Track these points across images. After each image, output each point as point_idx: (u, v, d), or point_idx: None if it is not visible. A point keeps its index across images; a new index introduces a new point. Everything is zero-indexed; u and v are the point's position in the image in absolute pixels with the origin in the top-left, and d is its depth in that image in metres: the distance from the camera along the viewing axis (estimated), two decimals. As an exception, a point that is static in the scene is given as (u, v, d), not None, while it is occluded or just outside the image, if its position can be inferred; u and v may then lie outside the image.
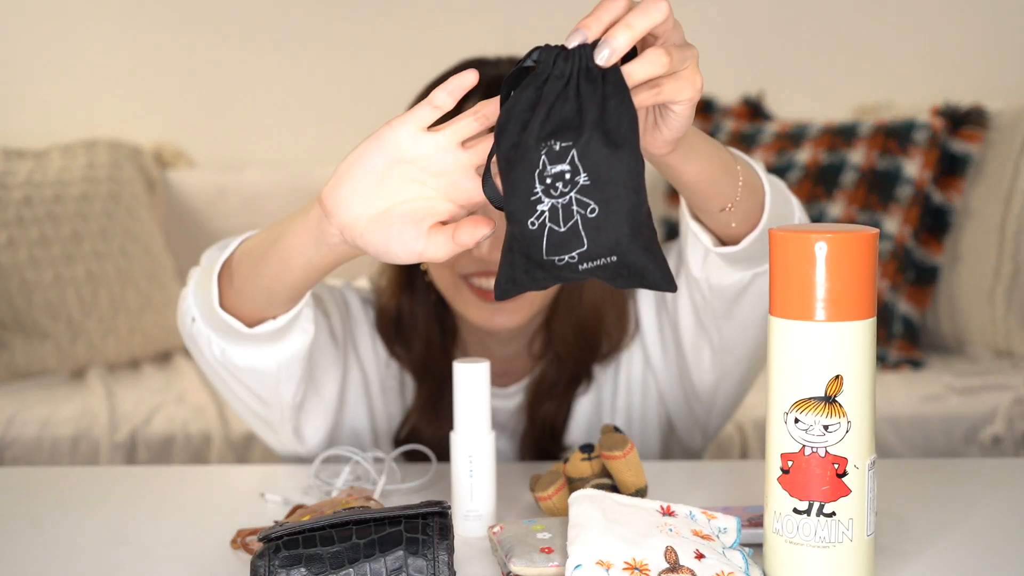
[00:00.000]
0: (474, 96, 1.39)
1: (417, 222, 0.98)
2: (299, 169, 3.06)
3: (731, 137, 2.91)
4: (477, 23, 3.08)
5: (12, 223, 2.64)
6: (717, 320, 1.38)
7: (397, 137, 0.97)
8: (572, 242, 0.90)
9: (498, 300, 0.95)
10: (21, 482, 1.47)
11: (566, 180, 0.89)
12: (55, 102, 3.13)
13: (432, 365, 1.50)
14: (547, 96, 0.90)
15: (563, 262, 0.91)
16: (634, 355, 1.53)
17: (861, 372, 0.96)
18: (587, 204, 0.89)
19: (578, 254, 0.90)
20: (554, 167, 0.89)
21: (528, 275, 0.93)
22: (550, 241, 0.90)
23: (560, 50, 0.90)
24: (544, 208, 0.90)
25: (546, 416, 1.51)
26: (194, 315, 1.25)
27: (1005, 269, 2.58)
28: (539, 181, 0.89)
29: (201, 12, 3.15)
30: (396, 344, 1.51)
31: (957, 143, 2.67)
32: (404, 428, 1.51)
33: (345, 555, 0.94)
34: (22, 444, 2.31)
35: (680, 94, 0.93)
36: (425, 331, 1.50)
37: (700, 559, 0.96)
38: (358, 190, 0.98)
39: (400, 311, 1.50)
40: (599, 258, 0.90)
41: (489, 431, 1.17)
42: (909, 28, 3.10)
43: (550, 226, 0.90)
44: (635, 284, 0.93)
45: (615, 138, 0.89)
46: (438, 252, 0.98)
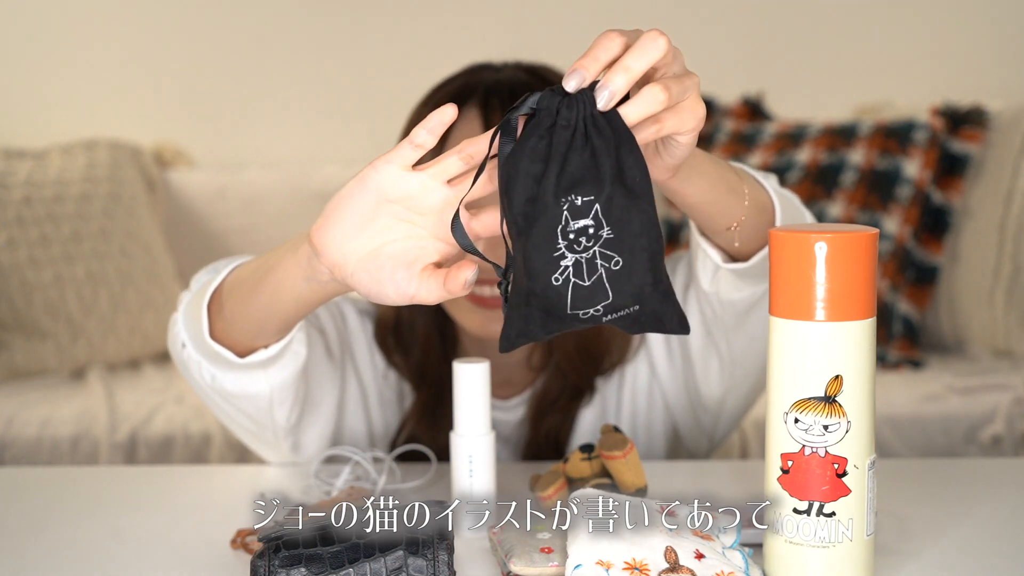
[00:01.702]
0: (476, 100, 1.38)
1: (409, 264, 0.97)
2: (299, 169, 3.06)
3: (731, 137, 2.91)
4: (479, 24, 3.08)
5: (12, 223, 2.64)
6: (727, 333, 1.37)
7: (381, 177, 0.96)
8: (597, 296, 0.89)
9: (503, 352, 0.94)
10: (21, 482, 1.47)
11: (589, 235, 0.88)
12: (55, 102, 3.13)
13: (430, 372, 1.49)
14: (558, 147, 0.88)
15: (587, 315, 0.90)
16: (640, 366, 1.52)
17: (861, 372, 0.96)
18: (611, 257, 0.88)
19: (603, 307, 0.90)
20: (577, 222, 0.88)
21: (543, 329, 0.92)
22: (575, 296, 0.89)
23: (563, 96, 0.89)
24: (568, 264, 0.89)
25: (550, 429, 1.50)
26: (184, 341, 1.24)
27: (1005, 269, 2.58)
28: (562, 237, 0.88)
29: (201, 12, 3.15)
30: (394, 352, 1.51)
31: (957, 143, 2.67)
32: (401, 435, 1.50)
33: (345, 555, 0.94)
34: (22, 444, 2.31)
35: (682, 126, 0.92)
36: (423, 338, 1.49)
37: (700, 559, 0.96)
38: (346, 230, 0.97)
39: (399, 319, 1.50)
40: (623, 308, 0.90)
41: (489, 431, 1.17)
42: (909, 28, 3.10)
43: (574, 281, 0.89)
44: (652, 329, 0.93)
45: (634, 189, 0.88)
46: (430, 296, 0.97)
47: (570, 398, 1.50)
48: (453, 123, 1.29)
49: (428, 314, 1.49)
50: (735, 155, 2.87)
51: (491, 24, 3.06)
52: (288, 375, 1.26)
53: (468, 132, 1.38)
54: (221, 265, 1.23)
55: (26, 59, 3.14)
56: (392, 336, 1.51)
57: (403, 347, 1.50)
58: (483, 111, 1.39)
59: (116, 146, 2.93)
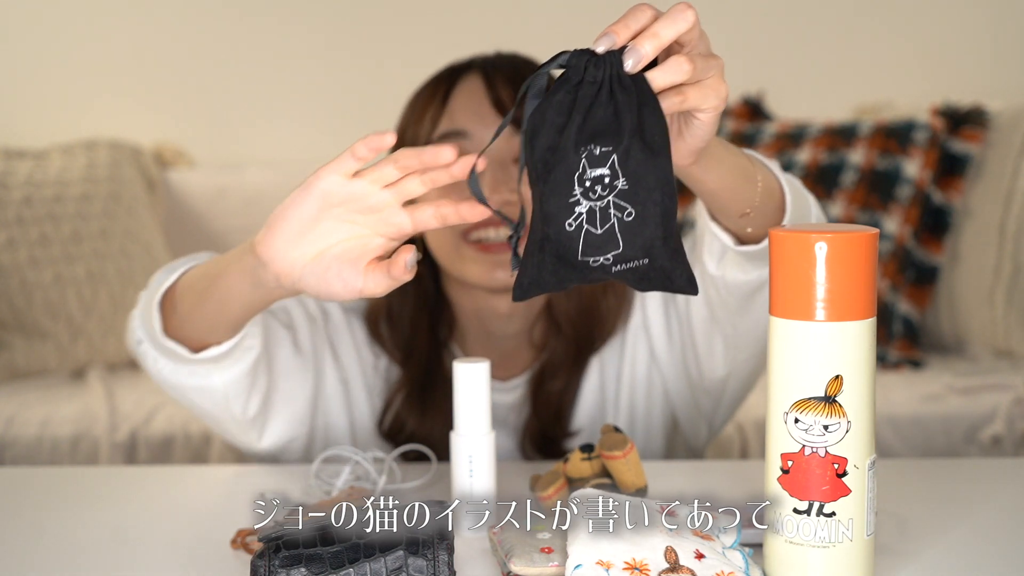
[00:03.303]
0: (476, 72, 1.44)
1: (353, 261, 1.04)
2: (299, 169, 3.04)
3: (731, 137, 2.91)
4: (477, 24, 3.08)
5: (12, 223, 2.64)
6: (731, 315, 1.38)
7: (324, 184, 1.04)
8: (608, 244, 0.92)
9: (516, 301, 0.98)
10: (21, 482, 1.47)
11: (605, 184, 0.91)
12: (55, 102, 3.13)
13: (416, 352, 1.50)
14: (582, 101, 0.92)
15: (597, 263, 0.93)
16: (639, 349, 1.52)
17: (861, 372, 0.96)
18: (624, 208, 0.92)
19: (613, 256, 0.93)
20: (594, 171, 0.91)
21: (555, 276, 0.95)
22: (586, 243, 0.92)
23: (591, 55, 0.92)
24: (582, 210, 0.92)
25: (551, 395, 1.50)
26: (140, 338, 1.30)
27: (1005, 269, 2.58)
28: (578, 184, 0.92)
29: (201, 12, 3.15)
30: (386, 338, 1.52)
31: (957, 143, 2.67)
32: (387, 414, 1.51)
33: (345, 555, 0.94)
34: (22, 444, 2.31)
35: (704, 102, 0.95)
36: (412, 318, 1.51)
37: (700, 559, 0.96)
38: (291, 237, 1.05)
39: (390, 304, 1.51)
40: (632, 260, 0.93)
41: (489, 431, 1.17)
42: (909, 28, 3.10)
43: (587, 228, 0.92)
44: (660, 287, 0.95)
45: (652, 145, 0.92)
46: (377, 287, 1.04)
47: (573, 362, 1.51)
48: (458, 93, 1.38)
49: (418, 296, 1.51)
50: (735, 155, 2.87)
51: (491, 25, 3.06)
52: (240, 370, 1.31)
53: (472, 102, 1.43)
54: (179, 264, 1.29)
55: (26, 59, 3.14)
56: (384, 321, 1.52)
57: (391, 328, 1.52)
58: (485, 81, 1.44)
59: (116, 146, 2.93)
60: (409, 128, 1.48)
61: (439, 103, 1.45)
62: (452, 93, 1.45)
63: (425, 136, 1.45)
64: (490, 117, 1.42)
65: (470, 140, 1.42)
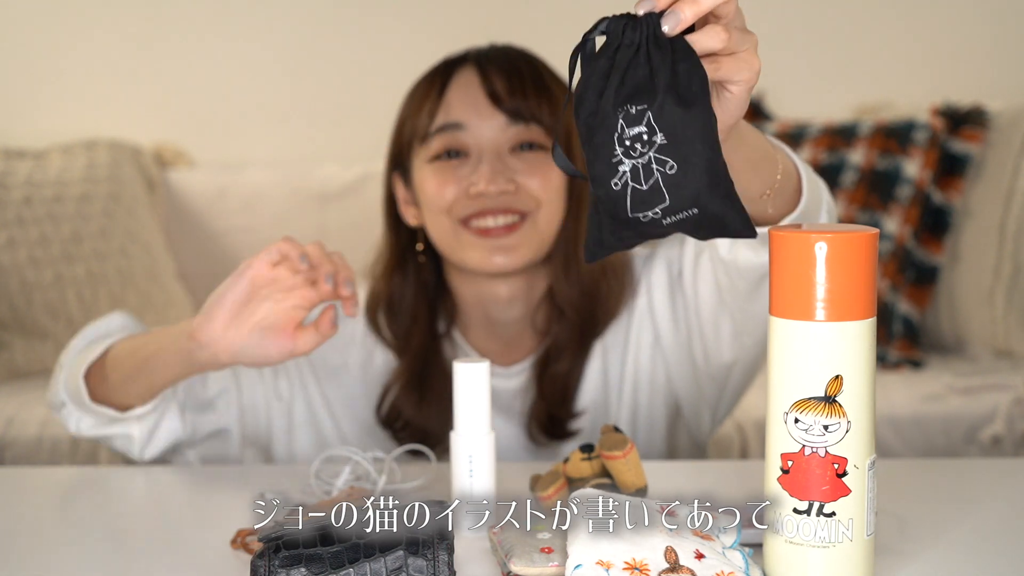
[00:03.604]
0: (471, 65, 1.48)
1: (280, 330, 1.28)
2: (299, 169, 3.06)
3: (731, 137, 2.91)
4: (479, 25, 3.08)
5: (12, 223, 2.64)
6: (739, 300, 1.39)
7: (254, 272, 1.27)
8: (654, 199, 0.95)
9: (587, 262, 1.03)
10: (21, 482, 1.47)
11: (644, 141, 0.94)
12: (55, 102, 3.13)
13: (413, 341, 1.52)
14: (619, 63, 0.95)
15: (647, 218, 0.95)
16: (643, 334, 1.53)
17: (861, 372, 0.96)
18: (665, 162, 0.94)
19: (661, 209, 0.95)
20: (632, 130, 0.94)
21: (615, 235, 0.99)
22: (633, 199, 0.95)
23: (628, 19, 0.95)
24: (625, 169, 0.95)
25: (557, 378, 1.51)
26: (63, 400, 1.43)
27: (1005, 269, 2.58)
28: (619, 144, 0.95)
29: (202, 12, 3.15)
30: (384, 327, 1.55)
31: (957, 143, 2.67)
32: (384, 401, 1.53)
33: (345, 555, 0.94)
34: (22, 444, 2.31)
35: (738, 74, 0.97)
36: (411, 309, 1.53)
37: (700, 559, 0.96)
38: (228, 319, 1.27)
39: (391, 292, 1.54)
40: (682, 211, 0.95)
41: (489, 431, 1.17)
42: (909, 28, 3.10)
43: (632, 185, 0.95)
44: (718, 234, 0.97)
45: (687, 98, 0.94)
46: (307, 345, 1.28)
47: (577, 345, 1.52)
48: (454, 86, 1.45)
49: (418, 287, 1.54)
50: (735, 155, 2.87)
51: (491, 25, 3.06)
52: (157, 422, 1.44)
53: (468, 94, 1.46)
54: (96, 334, 1.47)
55: (26, 59, 3.14)
56: (384, 311, 1.55)
57: (391, 318, 1.55)
58: (480, 73, 1.47)
59: (116, 146, 2.93)
60: (408, 121, 1.51)
61: (435, 96, 1.48)
62: (448, 86, 1.48)
63: (423, 129, 1.48)
64: (485, 108, 1.46)
65: (466, 131, 1.46)
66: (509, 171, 1.44)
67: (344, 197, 3.01)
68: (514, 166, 1.45)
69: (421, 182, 1.49)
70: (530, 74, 1.49)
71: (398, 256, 1.54)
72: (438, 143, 1.47)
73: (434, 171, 1.47)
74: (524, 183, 1.45)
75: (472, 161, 1.46)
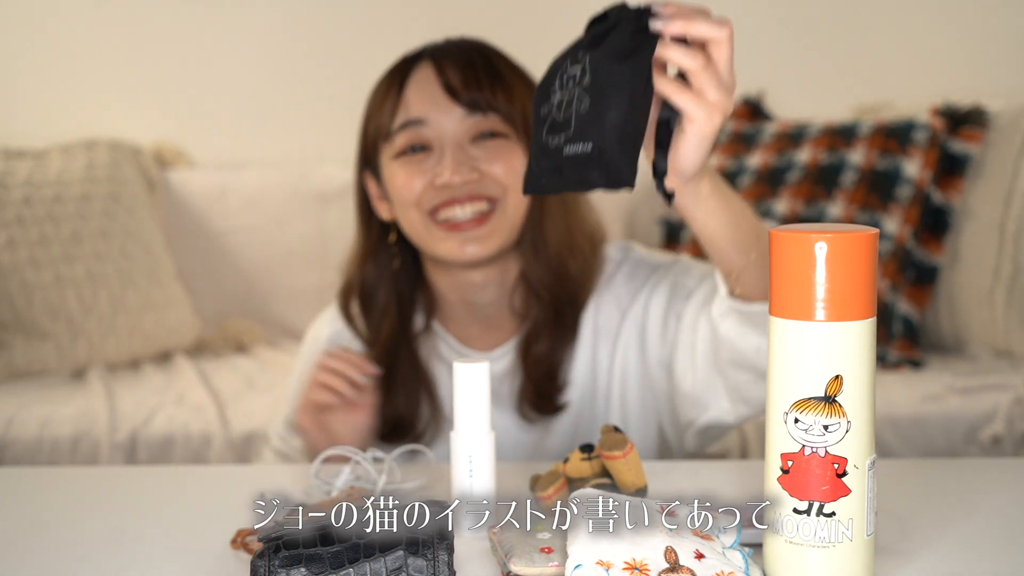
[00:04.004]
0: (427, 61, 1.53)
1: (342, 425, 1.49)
2: (299, 169, 3.06)
3: (731, 137, 2.91)
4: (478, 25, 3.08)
5: (12, 223, 2.64)
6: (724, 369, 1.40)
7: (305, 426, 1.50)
8: (563, 127, 1.08)
9: (524, 193, 1.14)
10: (21, 482, 1.47)
11: (575, 80, 1.07)
12: (55, 102, 3.13)
13: (383, 332, 1.57)
14: (593, 31, 1.09)
15: (554, 144, 1.08)
16: (633, 332, 1.55)
17: (861, 372, 0.96)
18: (583, 99, 1.06)
19: (564, 136, 1.07)
20: (572, 69, 1.08)
21: (536, 162, 1.11)
22: (551, 125, 1.09)
23: (626, 8, 1.08)
24: (554, 99, 1.09)
25: (540, 356, 1.55)
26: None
27: (1005, 269, 2.58)
28: (557, 79, 1.10)
29: (202, 12, 3.15)
30: (356, 317, 1.60)
31: (957, 143, 2.67)
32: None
33: (345, 555, 0.94)
34: (22, 444, 2.31)
35: (693, 111, 1.06)
36: (383, 301, 1.58)
37: (700, 559, 0.96)
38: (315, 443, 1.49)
39: (364, 283, 1.59)
40: (579, 143, 1.06)
41: (489, 431, 1.17)
42: (909, 28, 3.10)
43: (553, 116, 1.09)
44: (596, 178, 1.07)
45: (623, 54, 1.05)
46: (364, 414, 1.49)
47: (554, 324, 1.55)
48: (411, 83, 1.51)
49: (389, 277, 1.58)
50: (735, 155, 2.87)
51: (491, 26, 3.06)
52: None
53: (426, 91, 1.51)
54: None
55: (26, 59, 3.14)
56: (356, 300, 1.60)
57: (364, 307, 1.60)
58: (436, 68, 1.52)
59: (116, 146, 2.93)
60: (372, 120, 1.56)
61: (395, 95, 1.53)
62: (406, 84, 1.53)
63: (387, 127, 1.53)
64: (443, 102, 1.51)
65: (427, 126, 1.51)
66: (472, 160, 1.50)
67: (344, 197, 2.99)
68: (475, 155, 1.50)
69: (390, 178, 1.54)
70: (483, 65, 1.53)
71: (371, 248, 1.59)
72: (402, 139, 1.51)
73: (400, 166, 1.52)
74: (487, 170, 1.50)
75: (436, 154, 1.51)
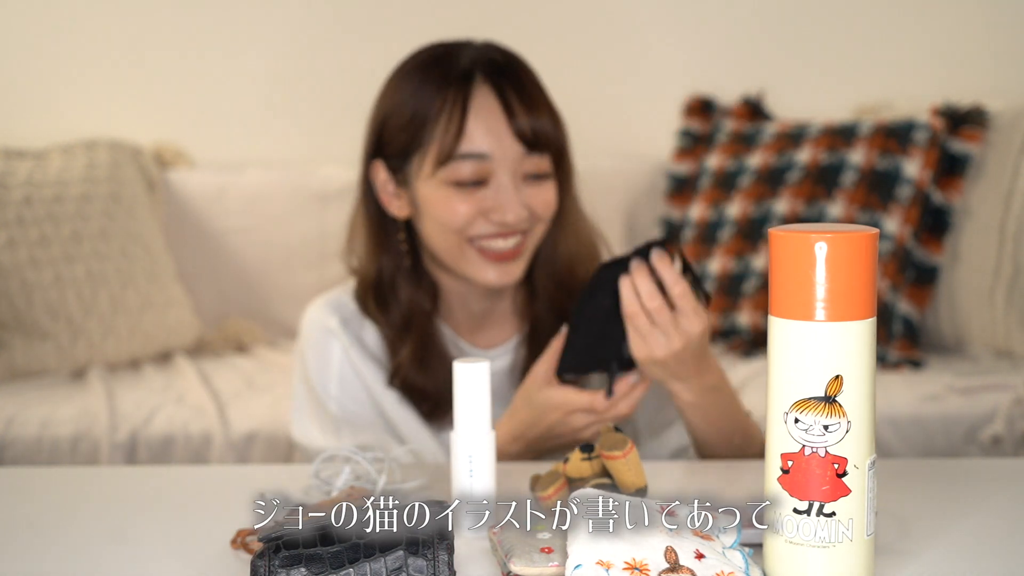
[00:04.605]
0: (482, 78, 1.51)
1: None
2: (299, 169, 3.06)
3: (731, 137, 2.91)
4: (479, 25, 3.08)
5: (12, 223, 2.64)
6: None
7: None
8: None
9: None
10: (21, 482, 1.47)
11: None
12: (55, 102, 3.13)
13: (414, 321, 1.57)
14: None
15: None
16: None
17: (861, 372, 0.96)
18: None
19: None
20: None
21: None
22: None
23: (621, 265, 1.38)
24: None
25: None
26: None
27: (1005, 269, 2.58)
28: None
29: (202, 12, 3.15)
30: (375, 309, 1.59)
31: (957, 143, 2.67)
32: (395, 380, 1.57)
33: (345, 555, 0.94)
34: (22, 444, 2.31)
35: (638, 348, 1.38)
36: (404, 292, 1.58)
37: (700, 559, 0.96)
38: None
39: (380, 275, 1.58)
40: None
41: (489, 431, 1.17)
42: (909, 28, 3.10)
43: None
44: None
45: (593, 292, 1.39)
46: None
47: (556, 322, 1.56)
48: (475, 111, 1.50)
49: (406, 273, 1.58)
50: (735, 155, 2.87)
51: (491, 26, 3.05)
52: None
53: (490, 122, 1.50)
54: None
55: (26, 59, 3.14)
56: (372, 292, 1.59)
57: (383, 301, 1.59)
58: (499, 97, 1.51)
59: (116, 146, 2.93)
60: (411, 121, 1.52)
61: (458, 118, 1.50)
62: (468, 109, 1.50)
63: (447, 150, 1.50)
64: (508, 140, 1.50)
65: (490, 161, 1.50)
66: (525, 197, 1.51)
67: (344, 197, 2.99)
68: (527, 193, 1.52)
69: (431, 196, 1.52)
70: (541, 97, 1.54)
71: (382, 243, 1.58)
72: (462, 170, 1.50)
73: (452, 192, 1.51)
74: (534, 208, 1.52)
75: (491, 188, 1.51)
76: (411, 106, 1.52)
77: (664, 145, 3.03)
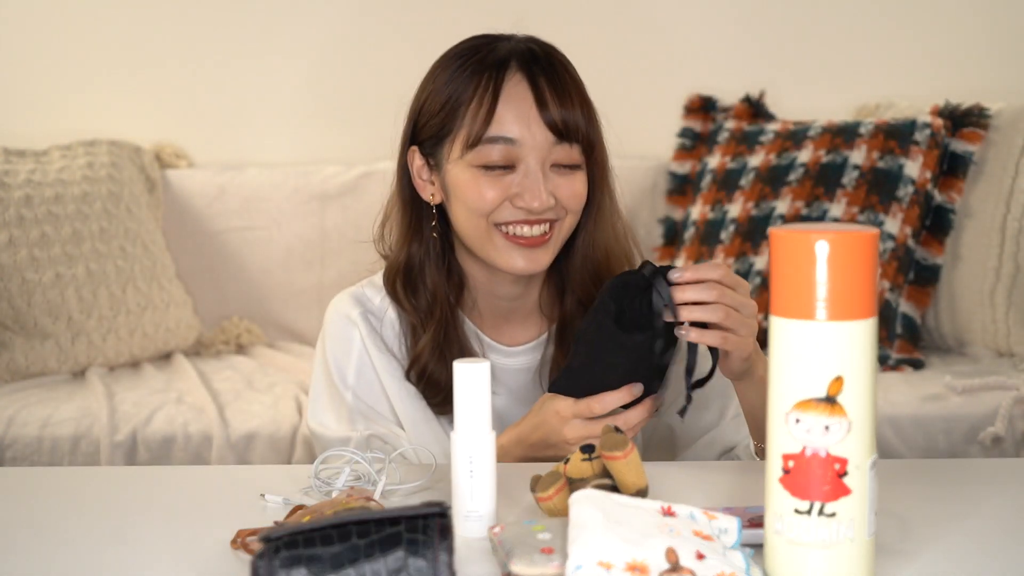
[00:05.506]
0: (517, 68, 1.53)
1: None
2: (299, 169, 3.06)
3: (732, 137, 2.91)
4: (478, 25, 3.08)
5: (12, 223, 2.64)
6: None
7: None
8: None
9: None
10: (21, 482, 1.47)
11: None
12: (55, 102, 3.13)
13: (437, 310, 1.58)
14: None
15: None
16: None
17: (862, 372, 0.96)
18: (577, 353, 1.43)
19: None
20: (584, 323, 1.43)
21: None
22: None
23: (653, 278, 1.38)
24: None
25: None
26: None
27: (1005, 269, 2.58)
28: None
29: (201, 12, 3.15)
30: (403, 296, 1.60)
31: (958, 143, 2.67)
32: (413, 369, 1.58)
33: (345, 555, 0.94)
34: (22, 444, 2.31)
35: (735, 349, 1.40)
36: (432, 279, 1.59)
37: (701, 559, 0.96)
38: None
39: (410, 260, 1.59)
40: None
41: (490, 431, 1.17)
42: (909, 28, 3.10)
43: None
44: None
45: (623, 323, 1.37)
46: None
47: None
48: (507, 97, 1.51)
49: (435, 256, 1.59)
50: (736, 155, 2.87)
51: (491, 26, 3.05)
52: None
53: (521, 108, 1.51)
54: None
55: (26, 59, 3.14)
56: (400, 279, 1.60)
57: (412, 287, 1.60)
58: (531, 84, 1.52)
59: (116, 146, 2.93)
60: (447, 109, 1.53)
61: (489, 103, 1.51)
62: (500, 94, 1.51)
63: (476, 133, 1.51)
64: (537, 127, 1.51)
65: (518, 146, 1.50)
66: (552, 186, 1.52)
67: (344, 197, 3.01)
68: (556, 182, 1.52)
69: (459, 179, 1.53)
70: (575, 90, 1.54)
71: (415, 228, 1.59)
72: (491, 154, 1.51)
73: (480, 175, 1.51)
74: (559, 196, 1.52)
75: (519, 173, 1.51)
76: (446, 92, 1.54)
77: (665, 145, 3.03)
